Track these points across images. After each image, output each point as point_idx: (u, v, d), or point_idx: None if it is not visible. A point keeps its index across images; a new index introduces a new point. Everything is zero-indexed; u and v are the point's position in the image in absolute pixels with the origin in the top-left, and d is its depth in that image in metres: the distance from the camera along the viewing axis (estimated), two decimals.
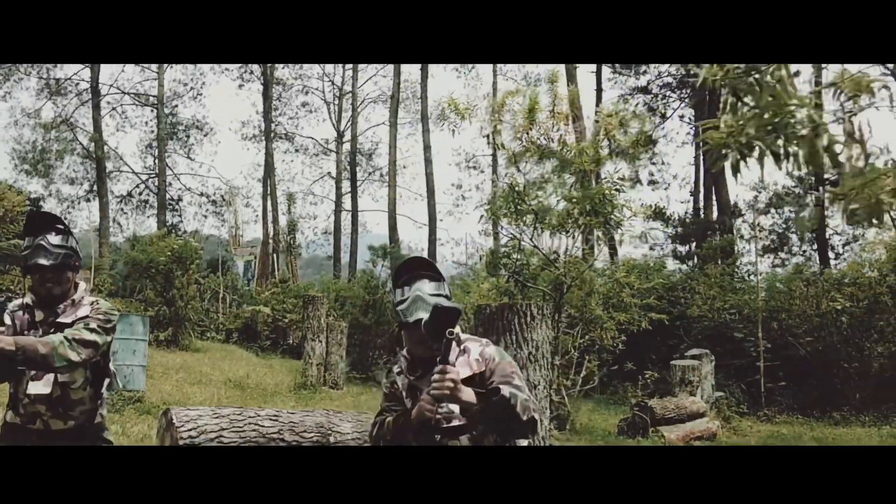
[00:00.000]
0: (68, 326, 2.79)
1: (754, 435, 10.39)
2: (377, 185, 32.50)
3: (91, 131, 28.20)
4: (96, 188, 28.54)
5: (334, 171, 31.84)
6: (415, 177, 47.10)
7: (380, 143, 32.74)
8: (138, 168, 30.87)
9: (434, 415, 2.21)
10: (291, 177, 39.71)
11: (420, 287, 2.34)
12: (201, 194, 31.26)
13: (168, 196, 29.53)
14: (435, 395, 2.14)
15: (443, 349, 2.14)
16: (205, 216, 31.37)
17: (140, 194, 30.68)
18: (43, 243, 2.81)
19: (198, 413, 3.93)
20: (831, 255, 22.17)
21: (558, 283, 9.33)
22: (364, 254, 24.70)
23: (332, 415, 4.26)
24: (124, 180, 30.89)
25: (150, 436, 6.63)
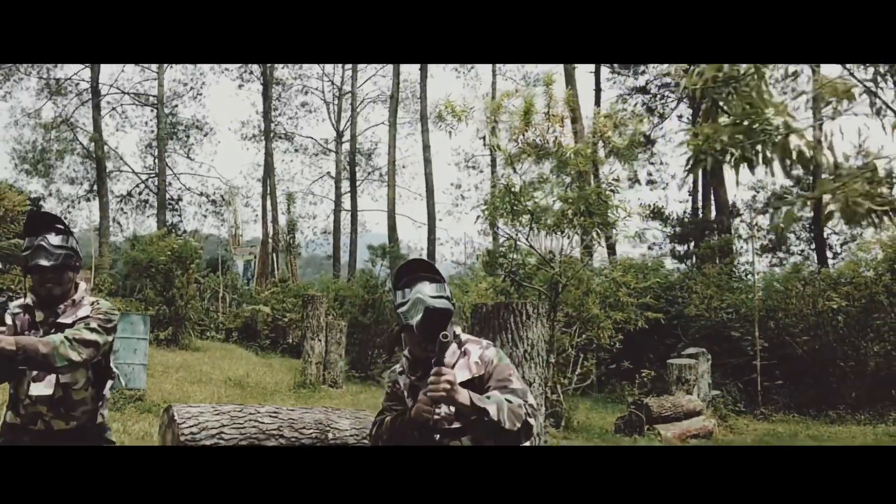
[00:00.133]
0: (69, 327, 2.77)
1: (750, 433, 10.44)
2: (376, 184, 32.58)
3: (91, 131, 28.22)
4: (96, 188, 28.57)
5: (334, 170, 31.86)
6: (414, 176, 47.01)
7: (379, 143, 32.82)
8: (138, 168, 30.96)
9: (431, 416, 2.22)
10: (291, 177, 39.71)
11: (421, 289, 2.33)
12: (201, 194, 31.34)
13: (168, 196, 29.56)
14: (431, 396, 2.16)
15: (437, 351, 2.16)
16: (204, 216, 31.46)
17: (140, 194, 30.73)
18: (43, 244, 2.79)
19: (199, 410, 3.99)
20: (829, 254, 22.24)
21: (554, 283, 9.40)
22: (363, 253, 24.74)
23: (331, 412, 4.32)
24: (124, 180, 30.97)
25: (150, 434, 6.67)
